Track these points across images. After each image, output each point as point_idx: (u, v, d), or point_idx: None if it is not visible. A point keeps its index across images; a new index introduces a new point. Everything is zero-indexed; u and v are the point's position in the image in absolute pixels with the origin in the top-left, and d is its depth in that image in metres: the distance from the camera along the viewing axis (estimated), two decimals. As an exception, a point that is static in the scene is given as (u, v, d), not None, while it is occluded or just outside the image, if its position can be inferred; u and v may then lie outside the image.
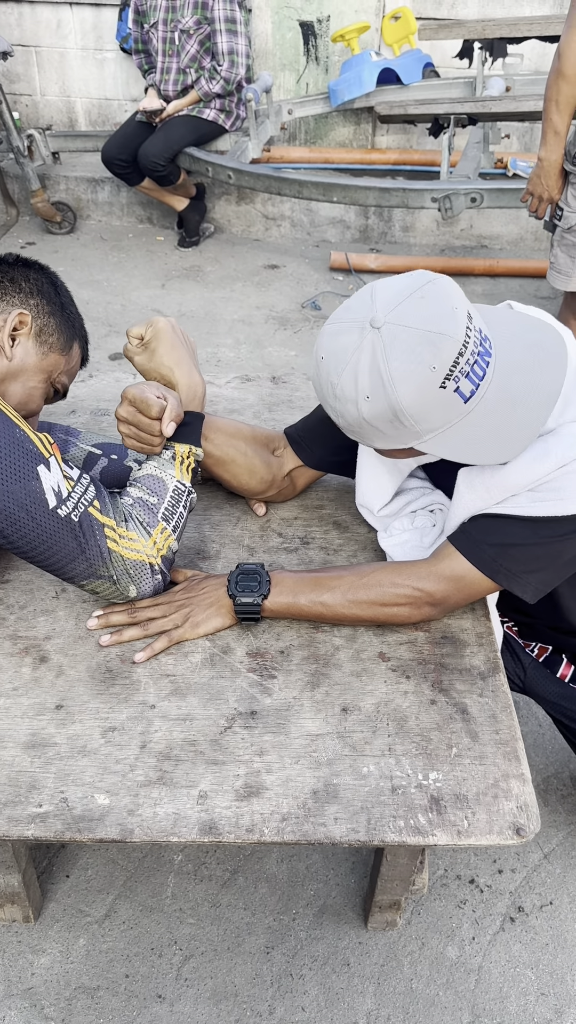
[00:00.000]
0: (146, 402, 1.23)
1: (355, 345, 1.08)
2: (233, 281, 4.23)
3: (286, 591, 1.26)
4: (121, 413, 1.25)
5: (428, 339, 1.04)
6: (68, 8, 4.91)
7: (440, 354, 1.04)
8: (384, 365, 1.05)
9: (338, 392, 1.11)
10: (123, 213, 4.85)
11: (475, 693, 1.17)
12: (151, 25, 4.12)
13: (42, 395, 1.34)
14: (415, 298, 1.07)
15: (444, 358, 1.04)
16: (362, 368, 1.07)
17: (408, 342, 1.04)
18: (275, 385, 1.93)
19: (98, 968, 1.49)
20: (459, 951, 1.54)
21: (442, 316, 1.05)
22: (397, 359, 1.05)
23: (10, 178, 4.74)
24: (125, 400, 1.25)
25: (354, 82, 4.43)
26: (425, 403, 1.06)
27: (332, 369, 1.11)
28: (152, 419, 1.25)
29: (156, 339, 1.33)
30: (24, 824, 1.01)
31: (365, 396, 1.08)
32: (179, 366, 1.33)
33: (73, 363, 1.40)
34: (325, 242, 4.67)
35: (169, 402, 1.26)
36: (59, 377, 1.36)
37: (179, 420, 1.28)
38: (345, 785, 1.05)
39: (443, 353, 1.04)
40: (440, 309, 1.05)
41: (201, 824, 1.01)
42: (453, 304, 1.06)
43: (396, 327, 1.05)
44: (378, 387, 1.06)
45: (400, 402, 1.06)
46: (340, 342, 1.10)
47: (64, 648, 1.24)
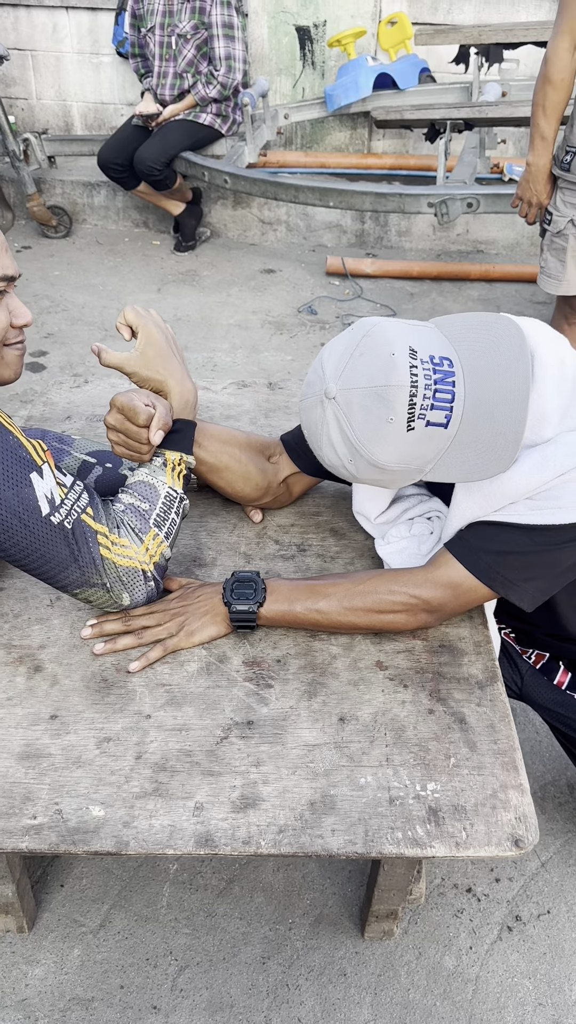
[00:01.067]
0: (134, 409, 1.22)
1: (320, 418, 1.14)
2: (229, 286, 4.22)
3: (282, 599, 1.25)
4: (109, 421, 1.25)
5: (376, 394, 1.08)
6: (64, 12, 4.90)
7: (392, 405, 1.07)
8: (350, 431, 1.11)
9: (327, 461, 1.19)
10: (119, 217, 4.84)
11: (473, 702, 1.16)
12: (148, 29, 4.12)
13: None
14: (355, 357, 1.11)
15: (398, 408, 1.07)
16: (334, 438, 1.14)
17: (362, 403, 1.09)
18: (272, 391, 1.92)
19: (93, 979, 1.48)
20: (456, 961, 1.53)
21: (381, 367, 1.09)
22: (358, 423, 1.10)
23: (6, 182, 4.73)
24: (113, 407, 1.24)
25: (350, 87, 4.43)
26: (402, 449, 1.10)
27: (313, 442, 1.19)
28: (140, 427, 1.24)
29: (147, 344, 1.31)
30: (18, 836, 1.00)
31: (348, 460, 1.14)
32: (171, 374, 1.32)
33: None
34: (321, 247, 4.67)
35: (157, 410, 1.25)
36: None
37: (167, 428, 1.27)
38: (342, 796, 1.04)
39: (395, 403, 1.07)
40: (377, 360, 1.09)
41: (197, 836, 1.00)
42: (390, 350, 1.09)
43: (348, 391, 1.10)
44: (354, 451, 1.12)
45: (378, 459, 1.11)
46: (311, 417, 1.17)
47: (59, 657, 1.23)
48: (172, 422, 1.30)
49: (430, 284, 4.24)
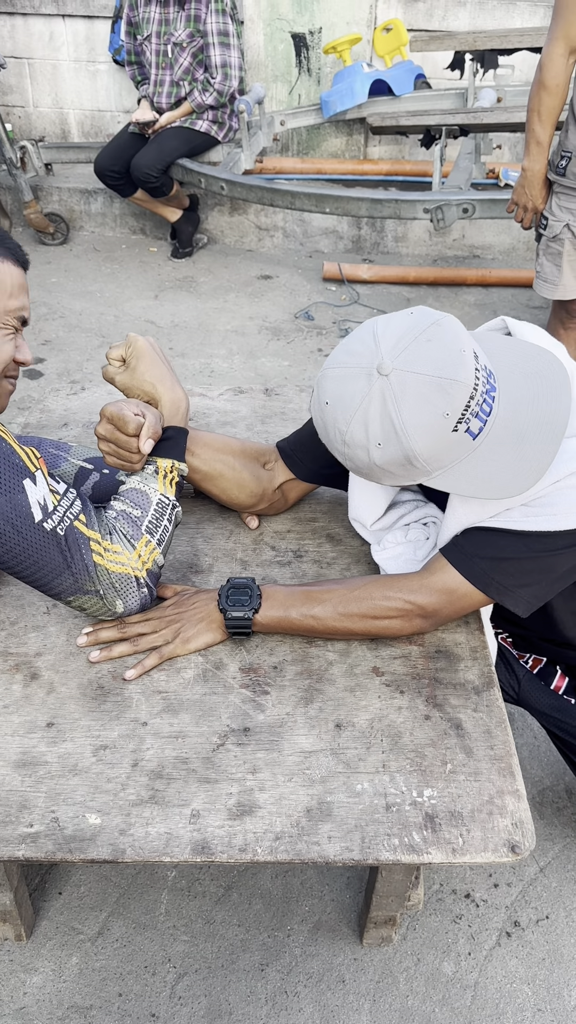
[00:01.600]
0: (123, 419, 1.23)
1: (363, 392, 1.06)
2: (226, 292, 4.23)
3: (277, 605, 1.25)
4: (99, 431, 1.25)
5: (439, 386, 1.03)
6: (61, 20, 4.92)
7: (453, 401, 1.04)
8: (396, 414, 1.05)
9: (347, 439, 1.10)
10: (116, 224, 4.85)
11: (469, 708, 1.16)
12: (144, 37, 4.14)
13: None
14: (421, 341, 1.06)
15: (456, 404, 1.04)
16: (372, 416, 1.06)
17: (419, 390, 1.04)
18: (268, 397, 1.93)
19: (91, 987, 1.48)
20: (455, 967, 1.53)
21: (451, 361, 1.04)
22: (409, 408, 1.04)
23: (3, 189, 4.74)
24: (103, 418, 1.25)
25: (346, 93, 4.44)
26: (438, 447, 1.07)
27: (340, 416, 1.09)
28: (129, 436, 1.24)
29: (136, 357, 1.33)
30: (15, 845, 1.00)
31: (377, 443, 1.08)
32: (161, 382, 1.32)
33: (7, 287, 1.25)
34: (318, 252, 4.68)
35: (147, 419, 1.26)
36: (1, 318, 1.25)
37: (157, 437, 1.28)
38: (339, 803, 1.04)
39: (455, 399, 1.04)
40: (448, 353, 1.05)
41: (193, 844, 1.00)
42: (460, 346, 1.06)
43: (405, 373, 1.04)
44: (391, 435, 1.06)
45: (414, 449, 1.06)
46: (347, 388, 1.08)
47: (55, 665, 1.23)
48: (163, 430, 1.30)
49: (427, 289, 4.25)
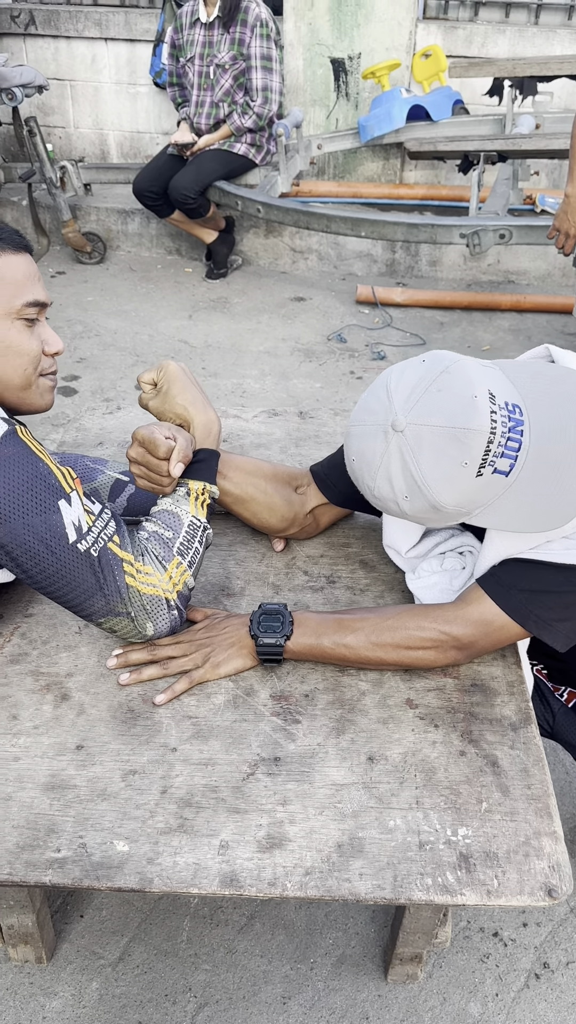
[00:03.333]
0: (154, 442, 1.23)
1: (382, 450, 1.08)
2: (259, 313, 4.25)
3: (309, 632, 1.24)
4: (131, 454, 1.26)
5: (454, 436, 1.04)
6: (103, 44, 5.00)
7: (470, 450, 1.04)
8: (416, 469, 1.06)
9: (376, 493, 1.12)
10: (152, 244, 4.90)
11: (506, 745, 1.14)
12: (187, 59, 4.19)
13: (17, 354, 1.20)
14: (432, 392, 1.06)
15: (474, 453, 1.04)
16: (394, 472, 1.08)
17: (435, 443, 1.04)
18: (302, 420, 1.92)
19: (111, 1014, 1.46)
20: (482, 1008, 1.49)
21: (463, 409, 1.04)
22: (427, 462, 1.05)
23: (42, 208, 4.81)
24: (135, 440, 1.25)
25: (384, 118, 4.47)
26: (464, 494, 1.07)
27: (365, 472, 1.12)
28: (160, 459, 1.24)
29: (168, 381, 1.33)
30: (42, 870, 0.98)
31: (404, 496, 1.09)
32: (193, 405, 1.32)
33: (10, 282, 1.18)
34: (351, 275, 4.69)
35: (178, 442, 1.25)
36: (15, 312, 1.18)
37: (187, 460, 1.27)
38: (371, 839, 1.02)
39: (472, 448, 1.04)
40: (459, 402, 1.05)
41: (222, 876, 0.98)
42: (472, 392, 1.05)
43: (419, 427, 1.05)
44: (414, 489, 1.07)
45: (439, 500, 1.07)
46: (367, 446, 1.11)
47: (86, 686, 1.23)
48: (194, 453, 1.30)
49: (460, 314, 4.24)
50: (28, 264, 1.21)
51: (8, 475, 1.08)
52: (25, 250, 1.22)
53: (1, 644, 1.29)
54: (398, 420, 1.06)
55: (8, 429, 1.11)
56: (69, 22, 4.95)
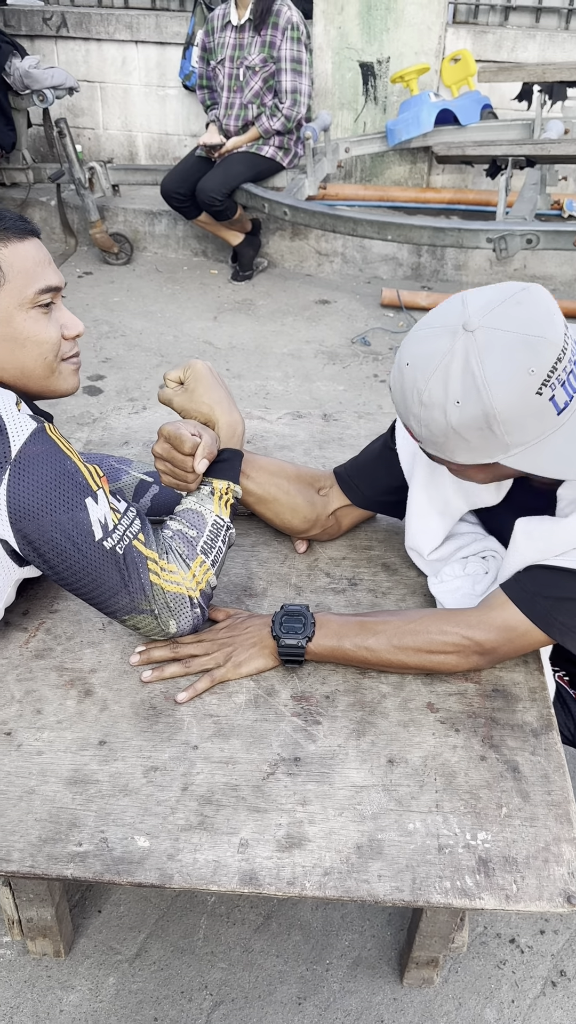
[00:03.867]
0: (180, 438, 1.24)
1: (446, 349, 1.04)
2: (284, 315, 4.26)
3: (331, 634, 1.24)
4: (157, 450, 1.26)
5: (527, 342, 1.00)
6: (134, 46, 5.04)
7: (539, 358, 1.00)
8: (479, 368, 1.01)
9: (425, 398, 1.06)
10: (179, 246, 4.92)
11: (527, 751, 1.14)
12: (218, 62, 4.21)
13: (37, 343, 1.19)
14: (510, 303, 1.03)
15: (543, 362, 1.00)
16: (453, 372, 1.03)
17: (506, 345, 1.01)
18: (326, 422, 1.93)
19: (127, 1009, 1.47)
20: (497, 1014, 1.49)
21: (540, 320, 1.02)
22: (493, 362, 1.01)
23: (70, 209, 4.85)
24: (161, 436, 1.26)
25: (412, 122, 4.46)
26: (520, 409, 1.02)
27: (419, 375, 1.06)
28: (185, 455, 1.25)
29: (194, 380, 1.33)
30: (63, 863, 1.00)
31: (455, 401, 1.03)
32: (219, 404, 1.33)
33: (20, 272, 1.15)
34: (377, 279, 4.69)
35: (203, 439, 1.26)
36: (29, 301, 1.17)
37: (212, 457, 1.28)
38: (390, 841, 1.02)
39: (542, 357, 1.00)
40: (537, 313, 1.02)
41: (242, 874, 0.99)
42: (550, 310, 1.03)
43: (492, 331, 1.02)
44: (471, 391, 1.02)
45: (495, 406, 1.01)
46: (429, 347, 1.05)
47: (109, 682, 1.24)
48: (219, 452, 1.31)
49: (486, 318, 4.22)
50: (37, 249, 1.18)
51: (37, 472, 1.09)
52: (32, 235, 1.18)
53: (26, 639, 1.31)
54: (470, 321, 1.02)
55: (37, 427, 1.12)
56: (100, 25, 4.99)
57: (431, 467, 1.34)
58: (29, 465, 1.09)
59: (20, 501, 1.08)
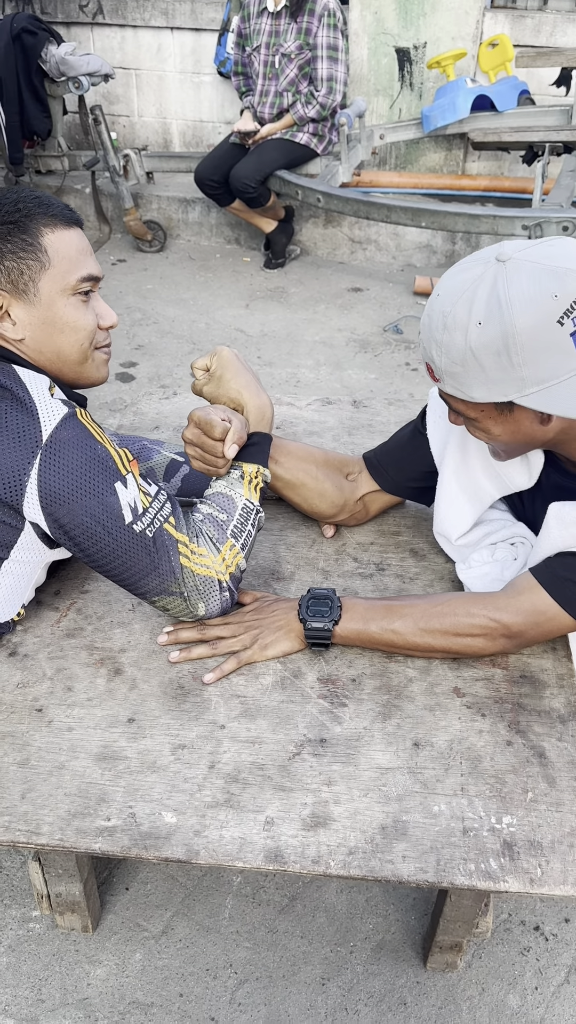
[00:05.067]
0: (210, 423, 1.24)
1: (477, 276, 1.04)
2: (316, 303, 4.25)
3: (357, 618, 1.25)
4: (187, 435, 1.27)
5: (554, 271, 1.01)
6: (169, 33, 5.04)
7: (564, 285, 1.00)
8: (504, 291, 1.02)
9: (449, 322, 1.05)
10: (212, 233, 4.93)
11: (554, 737, 1.13)
12: (253, 48, 4.19)
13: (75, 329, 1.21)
14: (545, 245, 1.05)
15: (567, 290, 1.00)
16: (479, 295, 1.03)
17: (533, 272, 1.02)
18: (356, 409, 1.92)
19: (153, 984, 1.49)
20: (521, 1000, 1.49)
21: (569, 256, 1.03)
22: (518, 285, 1.01)
23: (105, 196, 4.87)
24: (191, 422, 1.27)
25: (448, 108, 4.42)
26: (539, 335, 1.01)
27: (446, 300, 1.06)
28: (215, 440, 1.26)
29: (222, 367, 1.34)
30: (92, 837, 1.01)
31: (477, 322, 1.02)
32: (247, 388, 1.33)
33: (64, 258, 1.18)
34: (410, 266, 4.66)
35: (233, 424, 1.27)
36: (71, 288, 1.19)
37: (242, 443, 1.29)
38: (415, 823, 1.03)
39: (567, 285, 1.01)
40: (568, 251, 1.04)
41: (267, 851, 1.00)
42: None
43: (522, 262, 1.03)
44: (494, 311, 1.02)
45: (516, 326, 1.00)
46: (460, 277, 1.06)
47: (138, 661, 1.25)
48: (248, 436, 1.31)
49: (520, 307, 4.18)
50: (80, 238, 1.21)
51: (68, 457, 1.10)
52: (76, 224, 1.21)
53: (58, 619, 1.33)
54: (504, 253, 1.04)
55: (68, 412, 1.13)
56: (136, 11, 5.00)
57: (462, 452, 1.34)
58: (60, 450, 1.10)
59: (51, 486, 1.10)
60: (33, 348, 1.19)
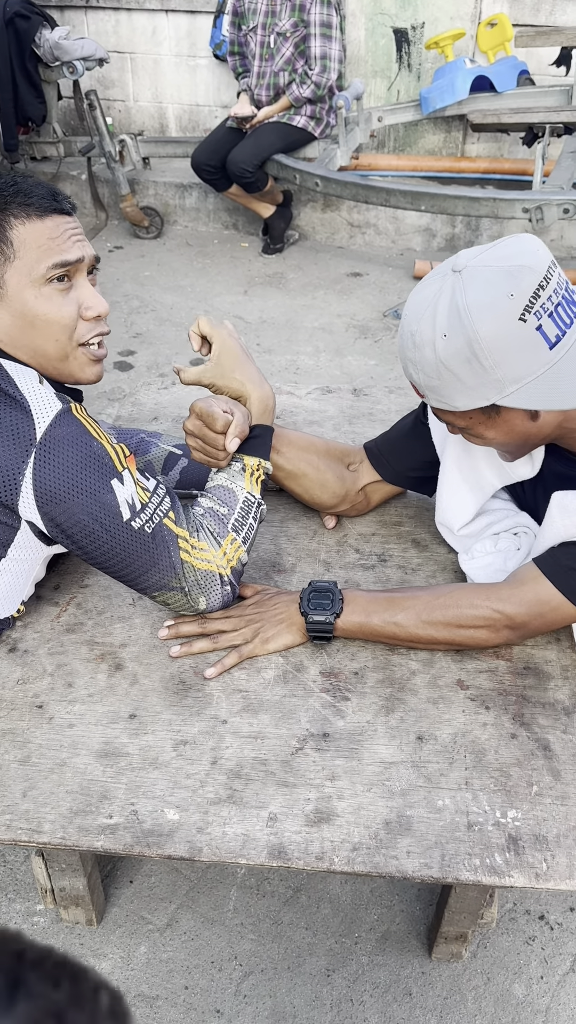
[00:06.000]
0: (212, 416, 1.23)
1: (436, 291, 1.05)
2: (315, 288, 4.22)
3: (359, 610, 1.23)
4: (188, 426, 1.26)
5: (507, 271, 1.01)
6: (164, 15, 4.98)
7: (519, 283, 1.00)
8: (462, 299, 1.02)
9: (416, 339, 1.06)
10: (209, 219, 4.89)
11: (559, 729, 1.12)
12: (250, 28, 4.14)
13: (47, 323, 1.14)
14: (498, 246, 1.05)
15: (523, 287, 1.00)
16: (440, 309, 1.04)
17: (487, 276, 1.02)
18: (356, 397, 1.91)
19: (158, 977, 1.49)
20: (526, 990, 1.49)
21: (523, 252, 1.03)
22: (474, 291, 1.01)
23: (101, 182, 4.83)
24: (193, 413, 1.25)
25: (447, 89, 4.37)
26: (504, 336, 1.00)
27: (412, 319, 1.08)
28: (217, 433, 1.24)
29: (222, 351, 1.30)
30: (94, 835, 1.01)
31: (442, 334, 1.03)
32: (250, 380, 1.31)
33: (33, 247, 1.11)
34: (410, 250, 4.63)
35: (235, 416, 1.25)
36: (40, 277, 1.12)
37: (243, 436, 1.27)
38: (419, 817, 1.02)
39: (522, 282, 1.00)
40: (521, 248, 1.03)
41: (270, 848, 0.99)
42: (536, 247, 1.04)
43: (477, 268, 1.03)
44: (455, 321, 1.02)
45: (478, 332, 1.00)
46: (422, 294, 1.08)
47: (139, 656, 1.24)
48: (250, 428, 1.30)
49: (520, 291, 4.15)
50: (58, 224, 1.12)
51: (63, 455, 1.08)
52: (58, 212, 1.13)
53: (58, 614, 1.32)
54: (459, 262, 1.04)
55: (63, 408, 1.10)
56: (130, -6, 4.94)
57: (464, 442, 1.32)
58: (55, 448, 1.08)
59: (46, 485, 1.08)
60: (10, 345, 1.14)
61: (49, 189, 1.15)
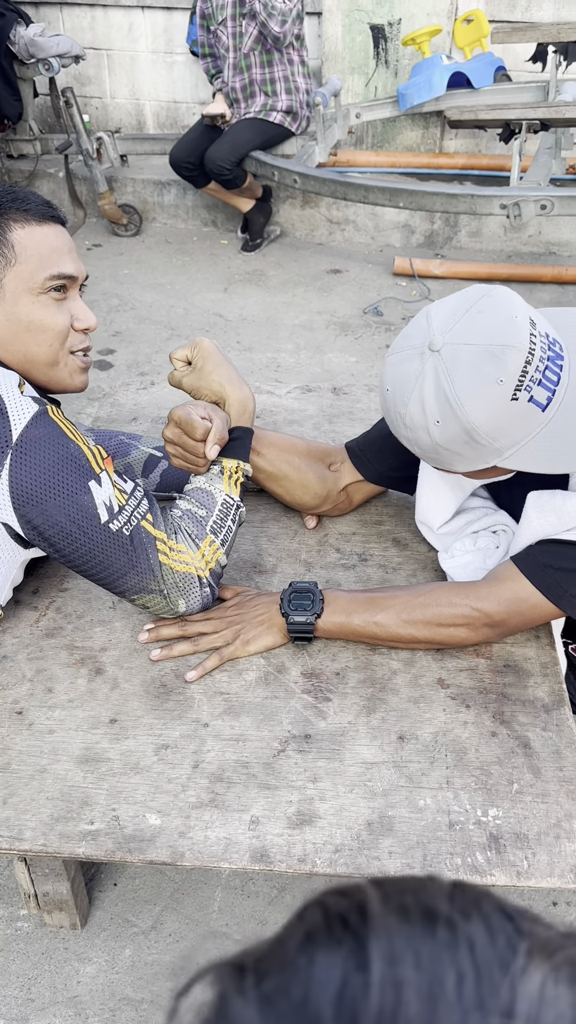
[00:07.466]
0: (191, 423, 1.22)
1: (417, 372, 1.05)
2: (295, 286, 4.21)
3: (339, 611, 1.24)
4: (167, 434, 1.25)
5: (490, 353, 1.00)
6: (140, 12, 4.95)
7: (506, 366, 1.00)
8: (449, 387, 1.02)
9: (408, 421, 1.08)
10: (188, 216, 4.87)
11: (538, 727, 1.13)
12: (219, 24, 4.09)
13: (41, 329, 1.17)
14: (472, 314, 1.04)
15: (511, 370, 1.00)
16: (427, 394, 1.04)
17: (470, 359, 1.01)
18: (336, 396, 1.91)
19: (143, 980, 1.49)
20: (510, 985, 1.50)
21: (502, 327, 1.02)
22: (461, 379, 1.01)
23: (78, 180, 4.80)
24: (171, 421, 1.24)
25: (424, 86, 4.37)
26: (499, 418, 1.02)
27: (398, 399, 1.09)
28: (197, 440, 1.23)
29: (203, 359, 1.31)
30: (75, 841, 1.00)
31: (435, 421, 1.05)
32: (229, 382, 1.31)
33: (33, 255, 1.14)
34: (389, 247, 4.63)
35: (214, 423, 1.24)
36: (39, 286, 1.15)
37: (223, 442, 1.26)
38: (400, 818, 1.02)
39: (509, 365, 1.00)
40: (498, 320, 1.02)
41: (252, 851, 0.99)
42: (512, 313, 1.03)
43: (456, 347, 1.02)
44: (447, 410, 1.03)
45: (472, 421, 1.02)
46: (402, 371, 1.07)
47: (120, 660, 1.24)
48: (229, 431, 1.29)
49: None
50: (56, 236, 1.17)
51: (39, 457, 1.08)
52: (54, 221, 1.17)
53: (37, 618, 1.31)
54: (435, 340, 1.03)
55: (39, 409, 1.10)
56: (106, -10, 4.90)
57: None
58: (31, 449, 1.08)
59: (22, 486, 1.07)
60: (0, 347, 1.16)
61: (42, 198, 1.19)
